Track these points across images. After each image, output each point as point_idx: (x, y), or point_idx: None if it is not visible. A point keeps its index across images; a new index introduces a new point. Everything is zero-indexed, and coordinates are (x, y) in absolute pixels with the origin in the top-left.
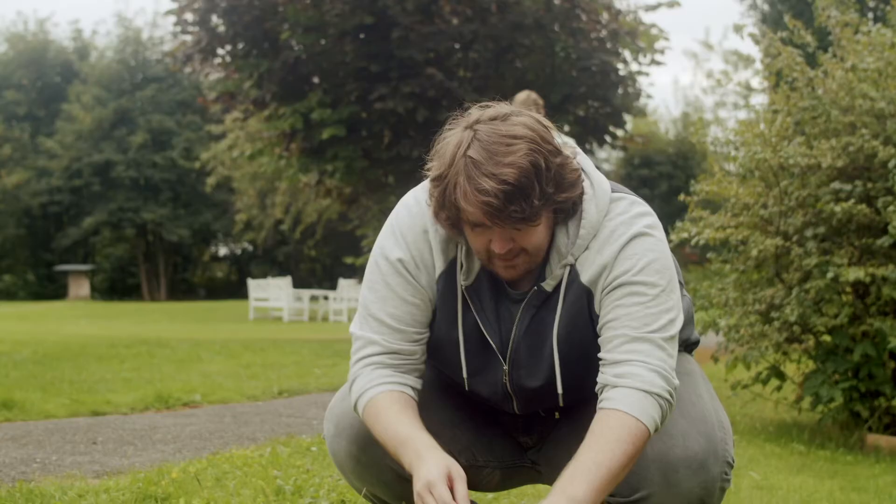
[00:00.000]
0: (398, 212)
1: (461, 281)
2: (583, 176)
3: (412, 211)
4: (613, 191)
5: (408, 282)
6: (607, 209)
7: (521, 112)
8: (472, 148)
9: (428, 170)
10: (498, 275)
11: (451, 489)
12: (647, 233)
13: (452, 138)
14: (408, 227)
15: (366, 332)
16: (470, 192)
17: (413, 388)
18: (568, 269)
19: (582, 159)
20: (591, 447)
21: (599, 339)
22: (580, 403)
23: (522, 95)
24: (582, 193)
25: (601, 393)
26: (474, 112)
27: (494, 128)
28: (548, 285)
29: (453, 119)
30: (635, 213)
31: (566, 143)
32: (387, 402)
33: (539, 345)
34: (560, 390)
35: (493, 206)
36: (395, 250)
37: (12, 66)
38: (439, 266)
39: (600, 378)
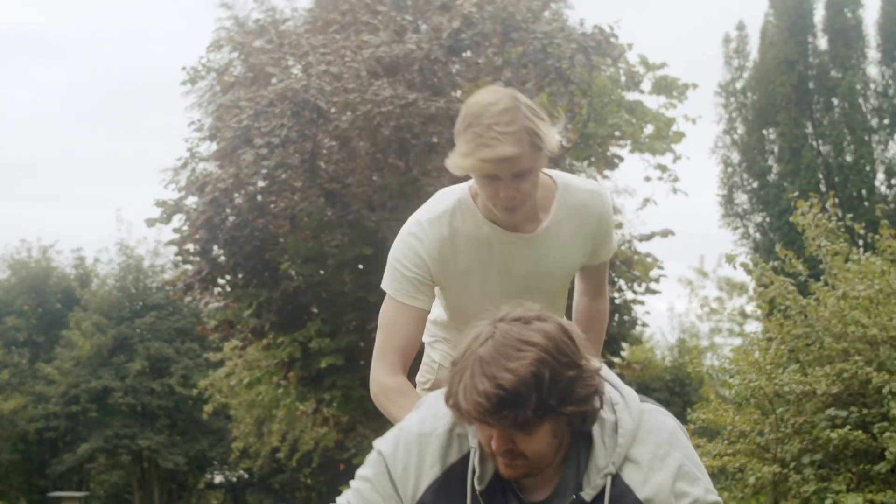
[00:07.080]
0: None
1: (476, 486)
2: (605, 390)
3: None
4: (641, 400)
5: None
6: (640, 418)
7: (552, 318)
8: (485, 346)
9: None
10: (501, 473)
11: None
12: (688, 448)
13: (475, 330)
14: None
15: None
16: (469, 389)
17: None
18: (610, 478)
19: (606, 372)
20: None
21: None
22: None
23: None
24: (598, 409)
25: None
26: (507, 308)
27: (512, 329)
28: (587, 494)
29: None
30: (672, 427)
31: (595, 359)
32: None
33: None
34: None
35: (485, 407)
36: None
37: (14, 292)
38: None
39: None
